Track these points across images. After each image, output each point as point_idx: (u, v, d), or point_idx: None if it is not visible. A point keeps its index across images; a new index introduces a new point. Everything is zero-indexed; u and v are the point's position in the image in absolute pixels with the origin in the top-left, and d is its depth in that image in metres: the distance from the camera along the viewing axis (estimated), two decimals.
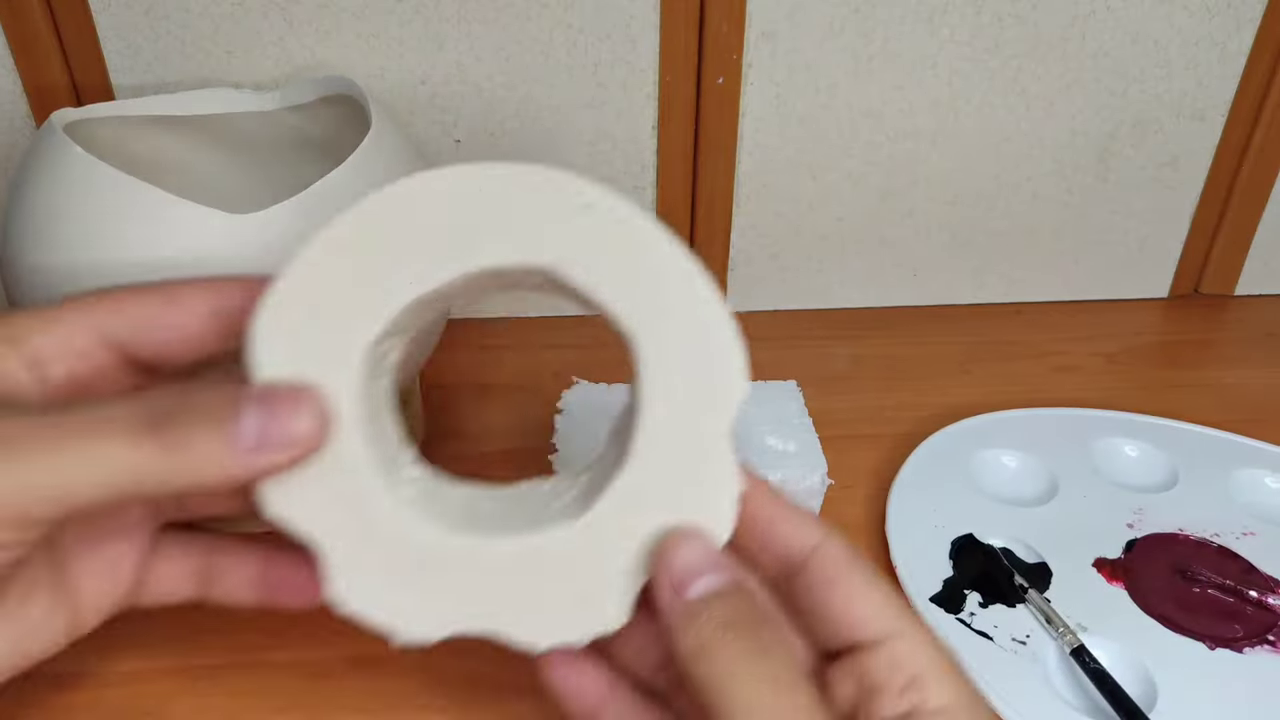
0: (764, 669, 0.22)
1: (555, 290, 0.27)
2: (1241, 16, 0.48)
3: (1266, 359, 0.52)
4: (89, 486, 0.22)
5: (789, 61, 0.48)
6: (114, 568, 0.27)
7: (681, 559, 0.24)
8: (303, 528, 0.24)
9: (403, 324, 0.26)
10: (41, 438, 0.22)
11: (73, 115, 0.38)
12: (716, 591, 0.24)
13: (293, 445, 0.23)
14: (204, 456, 0.22)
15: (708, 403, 0.25)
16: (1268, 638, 0.35)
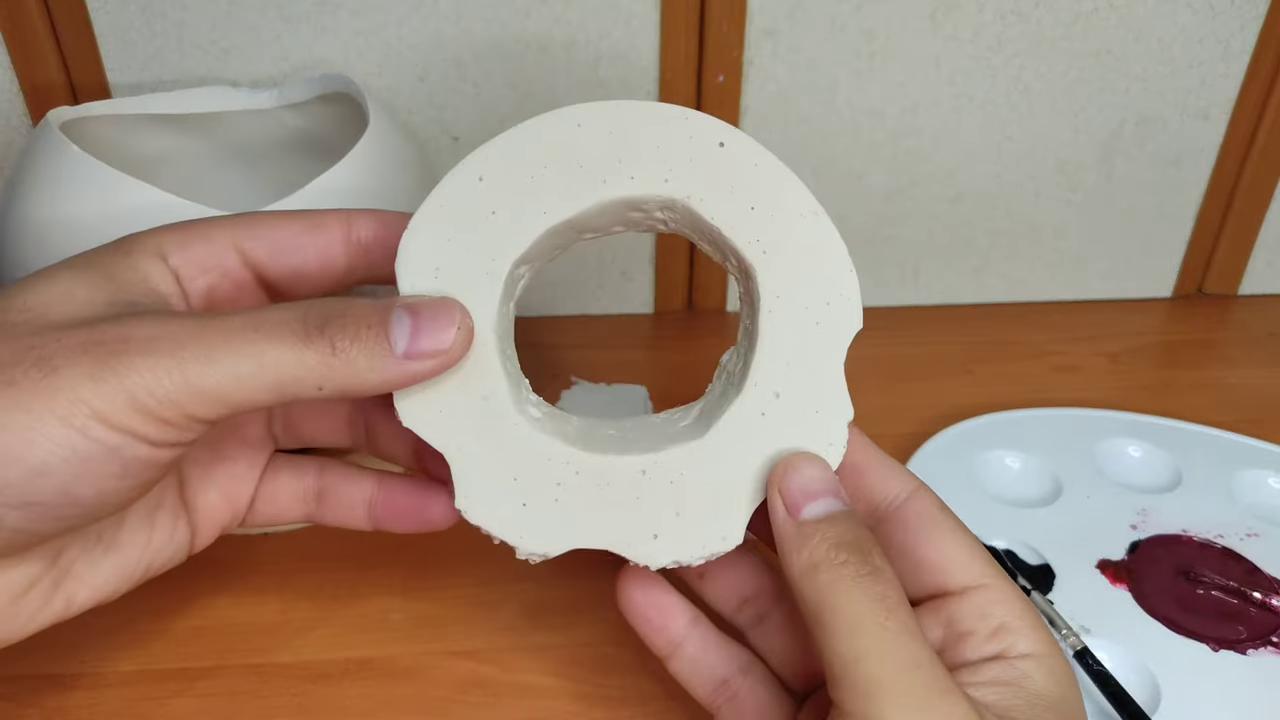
0: (873, 589, 0.23)
1: (682, 225, 0.28)
2: (1245, 15, 0.48)
3: (1270, 359, 0.52)
4: (252, 386, 0.23)
5: (790, 60, 0.47)
6: (232, 487, 0.29)
7: (798, 481, 0.25)
8: (435, 437, 0.26)
9: (536, 251, 0.27)
10: (207, 338, 0.23)
11: (69, 114, 0.38)
12: (830, 514, 0.25)
13: (439, 354, 0.25)
14: (361, 360, 0.24)
15: (825, 334, 0.26)
16: (1271, 639, 0.34)
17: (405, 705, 0.32)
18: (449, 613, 0.36)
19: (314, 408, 0.31)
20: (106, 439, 0.22)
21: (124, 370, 0.22)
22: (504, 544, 0.27)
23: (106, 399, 0.22)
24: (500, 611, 0.36)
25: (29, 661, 0.33)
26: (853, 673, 0.22)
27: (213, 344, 0.23)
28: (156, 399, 0.22)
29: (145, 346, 0.23)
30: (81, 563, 0.26)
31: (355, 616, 0.35)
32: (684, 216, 0.27)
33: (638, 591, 0.29)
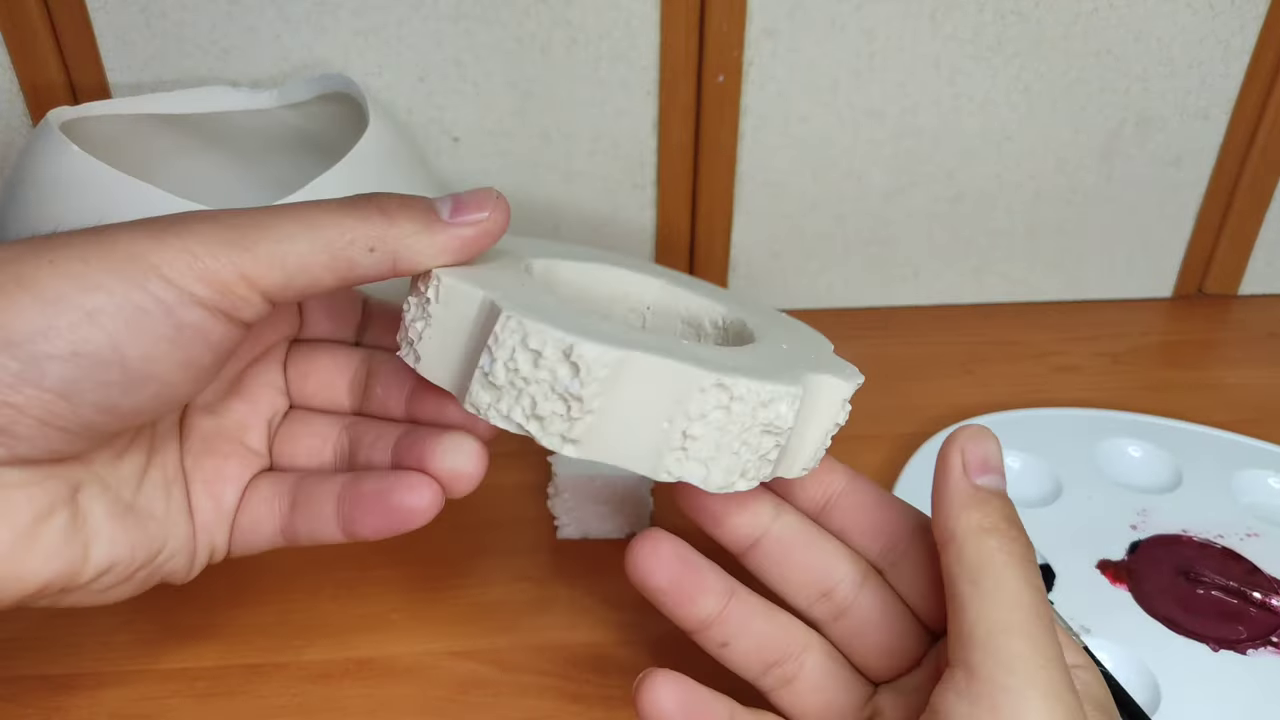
0: (1034, 575, 0.24)
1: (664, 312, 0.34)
2: (1245, 14, 0.48)
3: (1271, 359, 0.52)
4: (307, 250, 0.24)
5: (790, 60, 0.47)
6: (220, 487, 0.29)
7: (980, 449, 0.27)
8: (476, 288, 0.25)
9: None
10: (260, 215, 0.24)
11: (69, 114, 0.38)
12: (997, 489, 0.26)
13: (480, 221, 0.26)
14: (409, 223, 0.25)
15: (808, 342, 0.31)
16: (1271, 639, 0.34)
17: (405, 705, 0.32)
18: (449, 613, 0.36)
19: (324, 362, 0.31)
20: (163, 294, 0.22)
21: (187, 232, 0.23)
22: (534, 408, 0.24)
23: (165, 255, 0.23)
24: (500, 611, 0.36)
25: (29, 661, 0.33)
26: (1001, 642, 0.23)
27: (271, 214, 0.24)
28: (218, 259, 0.23)
29: (205, 217, 0.24)
30: (99, 512, 0.25)
31: (355, 616, 0.35)
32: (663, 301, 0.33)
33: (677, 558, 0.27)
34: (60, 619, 0.35)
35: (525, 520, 0.40)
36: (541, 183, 0.50)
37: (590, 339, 0.23)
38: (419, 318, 0.26)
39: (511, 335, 0.24)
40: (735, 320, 0.32)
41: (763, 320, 0.32)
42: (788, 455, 0.27)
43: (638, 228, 0.52)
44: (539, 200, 0.50)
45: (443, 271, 0.26)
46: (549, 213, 0.51)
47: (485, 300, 0.25)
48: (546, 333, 0.23)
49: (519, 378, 0.24)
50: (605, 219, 0.51)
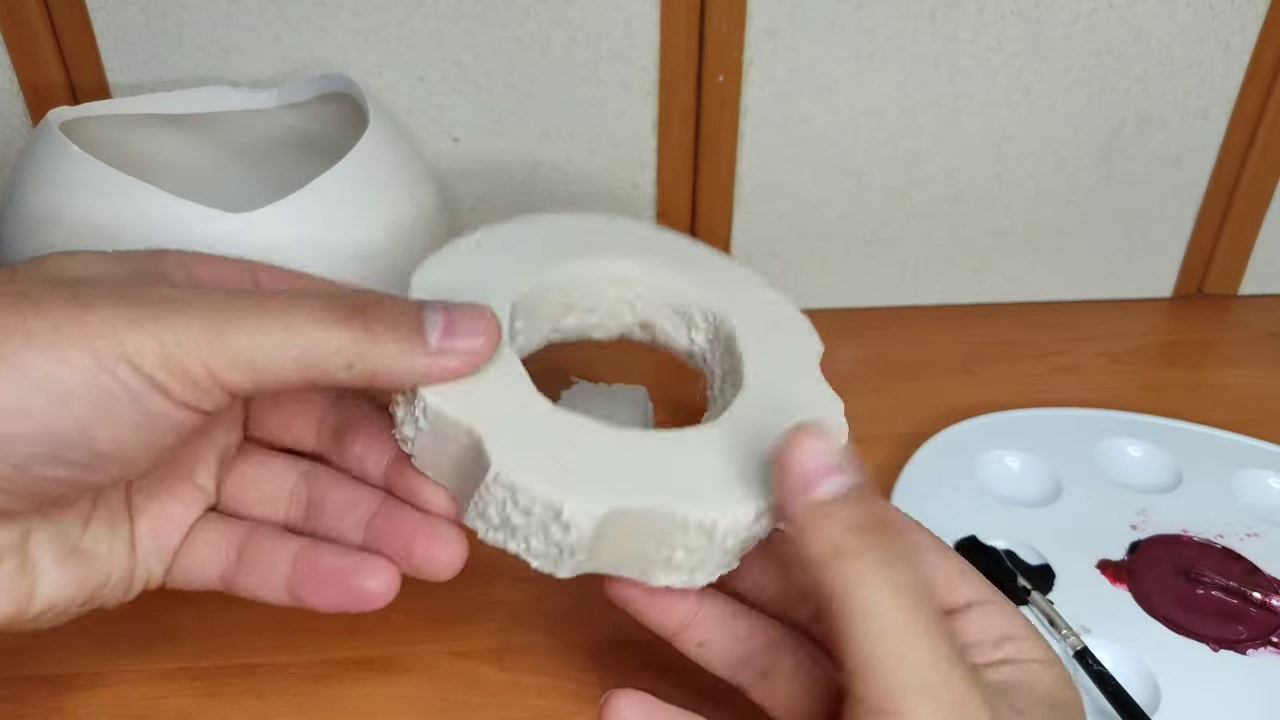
0: (895, 580, 0.22)
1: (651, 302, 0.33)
2: (1245, 14, 0.48)
3: (1271, 359, 0.52)
4: (281, 355, 0.23)
5: (790, 60, 0.47)
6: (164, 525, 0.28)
7: (809, 455, 0.24)
8: (461, 411, 0.25)
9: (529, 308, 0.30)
10: (242, 303, 0.23)
11: (69, 114, 0.38)
12: (844, 493, 0.23)
13: (467, 352, 0.25)
14: (393, 346, 0.24)
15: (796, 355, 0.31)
16: (1271, 639, 0.34)
17: (405, 705, 0.32)
18: (449, 613, 0.36)
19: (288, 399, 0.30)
20: (131, 383, 0.22)
21: (159, 318, 0.22)
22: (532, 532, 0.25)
23: (138, 342, 0.22)
24: (500, 611, 0.36)
25: (29, 662, 0.33)
26: (878, 671, 0.22)
27: (247, 309, 0.23)
28: (186, 352, 0.22)
29: (182, 308, 0.23)
30: (46, 556, 0.25)
31: (355, 616, 0.35)
32: (655, 289, 0.32)
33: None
34: None
35: None
36: (541, 182, 0.50)
37: (577, 493, 0.24)
38: (408, 422, 0.26)
39: (501, 490, 0.25)
40: (725, 322, 0.31)
41: (750, 317, 0.32)
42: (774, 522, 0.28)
43: None
44: (539, 200, 0.50)
45: (427, 392, 0.25)
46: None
47: (473, 436, 0.25)
48: (534, 491, 0.24)
49: (511, 523, 0.25)
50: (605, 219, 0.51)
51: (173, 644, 0.34)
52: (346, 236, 0.35)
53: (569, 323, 0.33)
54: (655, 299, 0.33)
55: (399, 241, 0.37)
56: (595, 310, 0.32)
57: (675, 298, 0.32)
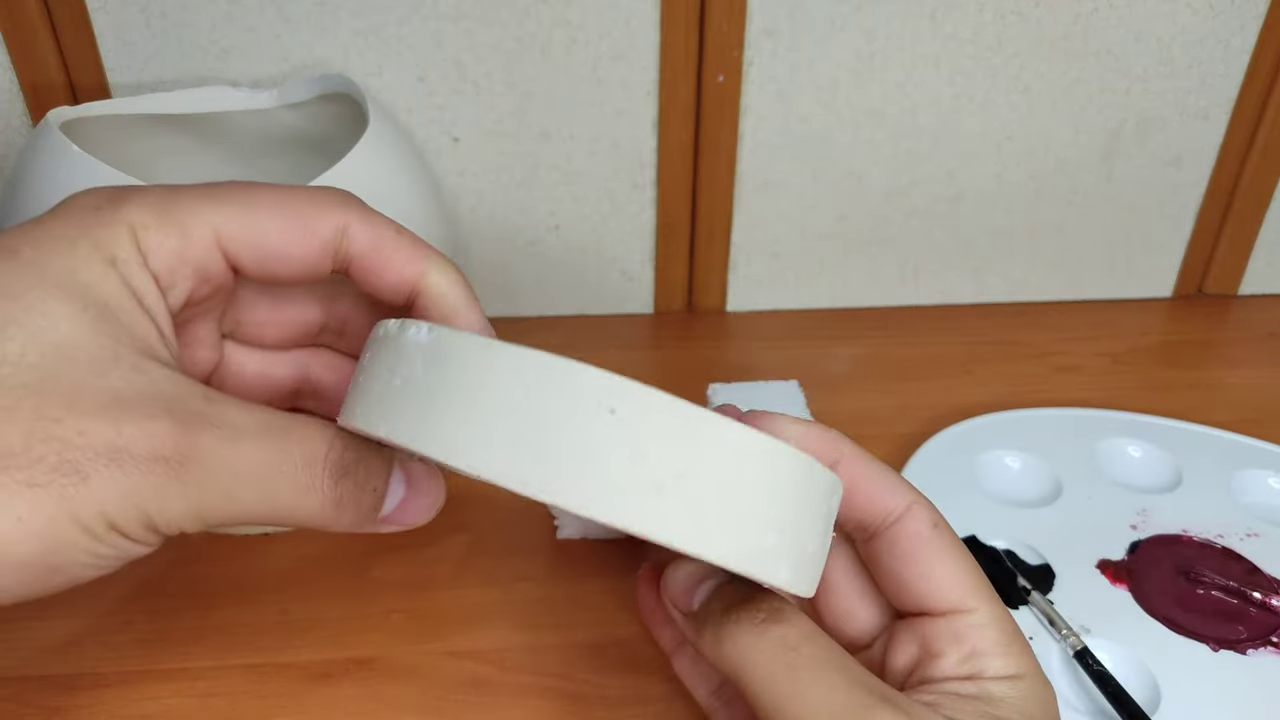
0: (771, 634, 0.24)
1: None
2: (1245, 14, 0.48)
3: (1271, 359, 0.52)
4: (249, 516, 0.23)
5: (790, 59, 0.47)
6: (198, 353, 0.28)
7: (675, 585, 0.26)
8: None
9: None
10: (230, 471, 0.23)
11: (69, 114, 0.38)
12: (713, 590, 0.25)
13: (408, 526, 0.26)
14: (352, 518, 0.24)
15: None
16: (1271, 639, 0.34)
17: (405, 705, 0.32)
18: (449, 613, 0.36)
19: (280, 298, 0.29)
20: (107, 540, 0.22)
21: (149, 492, 0.22)
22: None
23: (124, 514, 0.22)
24: (500, 611, 0.36)
25: (29, 662, 0.33)
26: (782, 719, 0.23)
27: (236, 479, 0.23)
28: (167, 520, 0.22)
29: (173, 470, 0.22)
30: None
31: (355, 616, 0.35)
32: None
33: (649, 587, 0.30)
34: (60, 619, 0.35)
35: (525, 520, 0.40)
36: (541, 183, 0.50)
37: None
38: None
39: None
40: None
41: None
42: None
43: (638, 228, 0.52)
44: (539, 200, 0.50)
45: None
46: (549, 212, 0.51)
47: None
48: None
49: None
50: (605, 219, 0.51)
51: (173, 644, 0.34)
52: None
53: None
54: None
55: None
56: None
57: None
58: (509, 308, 0.53)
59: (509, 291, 0.53)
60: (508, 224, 0.51)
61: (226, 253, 0.25)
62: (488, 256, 0.52)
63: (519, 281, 0.53)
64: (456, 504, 0.42)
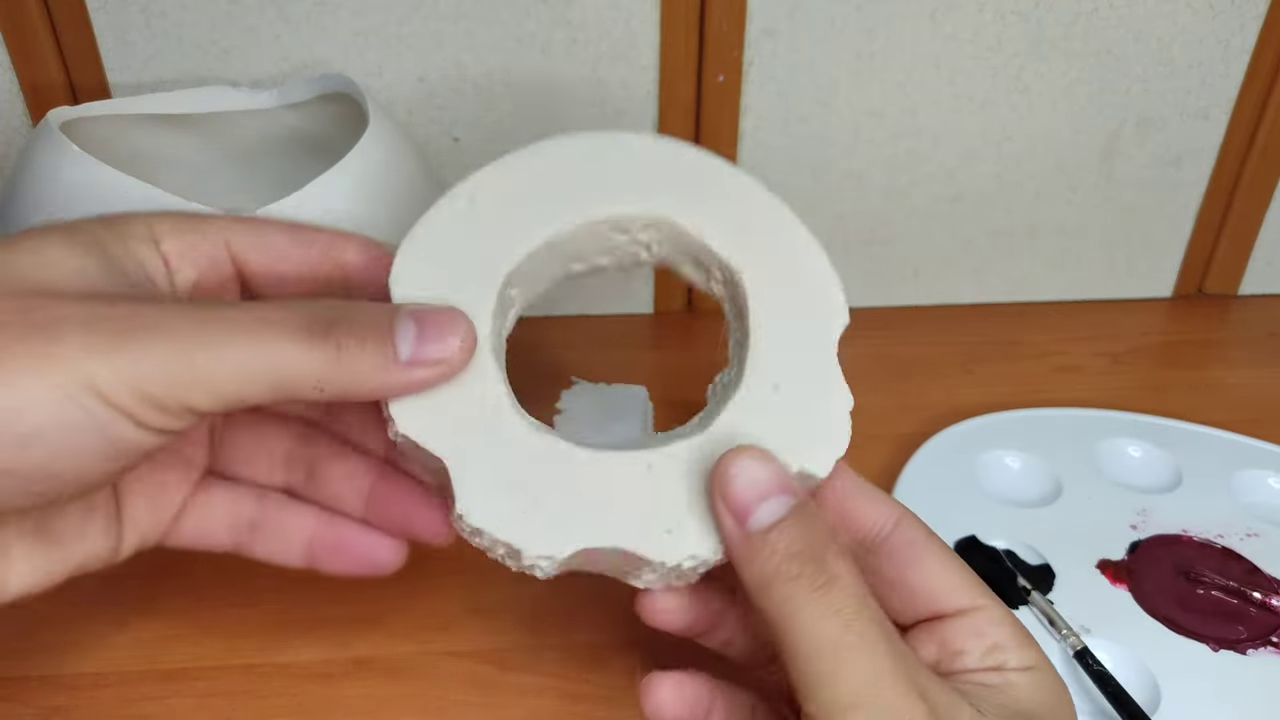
0: (830, 603, 0.23)
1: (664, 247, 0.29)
2: (1245, 14, 0.48)
3: (1271, 359, 0.52)
4: (253, 379, 0.23)
5: (790, 60, 0.47)
6: (161, 497, 0.28)
7: (743, 483, 0.24)
8: (432, 440, 0.25)
9: (527, 273, 0.28)
10: (213, 329, 0.23)
11: (69, 114, 0.38)
12: (781, 519, 0.24)
13: (441, 362, 0.25)
14: (364, 363, 0.24)
15: (814, 330, 0.27)
16: (1271, 639, 0.34)
17: (405, 705, 0.32)
18: (449, 613, 0.36)
19: (251, 437, 0.30)
20: (100, 414, 0.22)
21: (129, 350, 0.22)
22: (504, 555, 0.26)
23: (109, 377, 0.22)
24: (500, 611, 0.36)
25: (29, 662, 0.33)
26: (819, 694, 0.22)
27: (218, 335, 0.23)
28: (158, 383, 0.22)
29: (151, 332, 0.22)
30: (18, 547, 0.25)
31: (355, 616, 0.35)
32: (667, 235, 0.29)
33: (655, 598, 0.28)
34: (60, 619, 0.35)
35: None
36: None
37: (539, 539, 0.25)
38: (390, 428, 0.26)
39: (467, 527, 0.25)
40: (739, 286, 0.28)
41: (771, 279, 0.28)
42: None
43: None
44: None
45: (397, 411, 0.25)
46: None
47: (442, 466, 0.25)
48: (497, 536, 0.25)
49: (484, 546, 0.26)
50: None
51: (173, 644, 0.34)
52: None
53: (577, 268, 0.30)
54: (671, 245, 0.29)
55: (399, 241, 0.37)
56: (609, 254, 0.30)
57: (691, 246, 0.29)
58: None
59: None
60: None
61: (235, 257, 0.27)
62: None
63: None
64: None
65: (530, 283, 0.29)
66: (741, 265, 0.28)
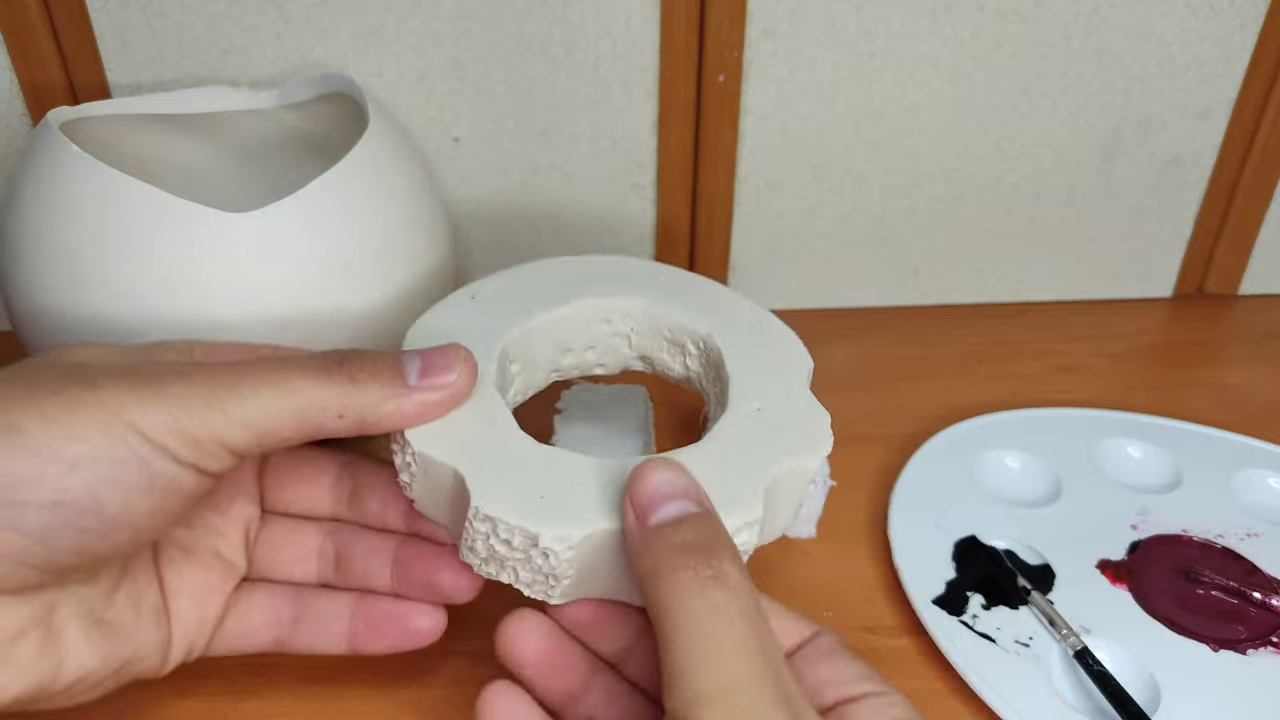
0: (712, 597, 0.23)
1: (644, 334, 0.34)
2: (1245, 14, 0.48)
3: (1271, 359, 0.52)
4: (279, 413, 0.25)
5: (790, 59, 0.47)
6: (203, 594, 0.29)
7: (651, 483, 0.25)
8: (446, 457, 0.27)
9: (523, 351, 0.32)
10: (238, 371, 0.25)
11: (69, 114, 0.38)
12: (678, 517, 0.24)
13: (445, 386, 0.27)
14: (376, 390, 0.26)
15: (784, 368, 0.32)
16: (1271, 639, 0.34)
17: (405, 706, 0.32)
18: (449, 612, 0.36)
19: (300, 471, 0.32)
20: (140, 449, 0.24)
21: (163, 391, 0.24)
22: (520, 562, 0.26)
23: (146, 414, 0.24)
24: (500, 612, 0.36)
25: None
26: (683, 684, 0.22)
27: (245, 377, 0.25)
28: (192, 418, 0.24)
29: (183, 379, 0.25)
30: (73, 628, 0.26)
31: None
32: (644, 321, 0.34)
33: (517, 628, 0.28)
34: None
35: None
36: (541, 183, 0.50)
37: (554, 522, 0.25)
38: (404, 469, 0.28)
39: (483, 524, 0.26)
40: (713, 347, 0.33)
41: (739, 340, 0.33)
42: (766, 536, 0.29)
43: (638, 228, 0.52)
44: (539, 200, 0.50)
45: (412, 435, 0.27)
46: (549, 213, 0.51)
47: (457, 475, 0.27)
48: (513, 525, 0.26)
49: (498, 555, 0.27)
50: (605, 219, 0.51)
51: None
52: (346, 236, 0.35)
53: (568, 362, 0.35)
54: (648, 331, 0.34)
55: (399, 241, 0.37)
56: (593, 348, 0.35)
57: (667, 328, 0.34)
58: None
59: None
60: (508, 224, 0.51)
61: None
62: (488, 256, 0.52)
63: None
64: None
65: (528, 363, 0.33)
66: (713, 329, 0.33)
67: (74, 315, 0.33)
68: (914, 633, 0.35)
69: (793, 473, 0.28)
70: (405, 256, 0.37)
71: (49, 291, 0.34)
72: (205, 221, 0.33)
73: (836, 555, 0.38)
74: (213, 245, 0.33)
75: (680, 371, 0.34)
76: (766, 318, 0.34)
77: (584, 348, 0.34)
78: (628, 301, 0.34)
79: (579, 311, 0.33)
